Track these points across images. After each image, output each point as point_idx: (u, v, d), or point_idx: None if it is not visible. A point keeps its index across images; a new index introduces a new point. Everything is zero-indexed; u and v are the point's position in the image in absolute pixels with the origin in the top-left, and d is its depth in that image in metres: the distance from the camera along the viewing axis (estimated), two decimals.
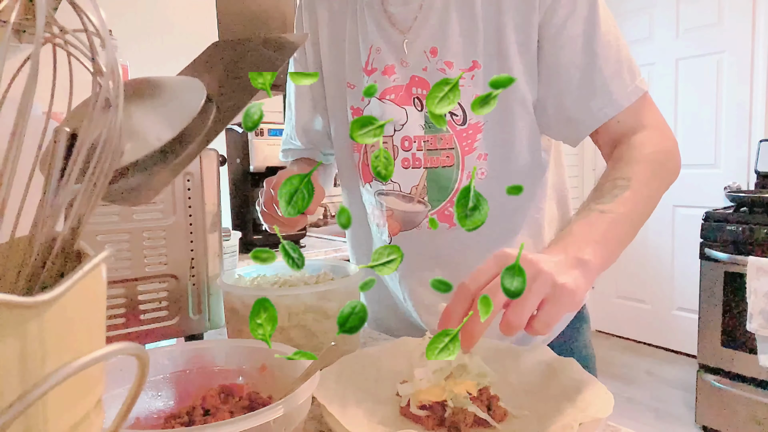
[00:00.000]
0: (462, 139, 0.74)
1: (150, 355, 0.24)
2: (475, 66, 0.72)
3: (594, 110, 0.70)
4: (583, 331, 0.88)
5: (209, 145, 0.34)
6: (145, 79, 0.37)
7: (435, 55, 0.74)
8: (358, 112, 0.81)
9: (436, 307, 0.81)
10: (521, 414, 0.53)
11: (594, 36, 0.68)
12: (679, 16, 3.04)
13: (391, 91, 0.77)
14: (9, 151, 0.22)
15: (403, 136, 0.77)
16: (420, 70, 0.75)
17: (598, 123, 0.70)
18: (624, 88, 0.69)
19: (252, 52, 0.42)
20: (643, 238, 3.30)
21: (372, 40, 0.78)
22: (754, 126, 2.80)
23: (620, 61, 0.69)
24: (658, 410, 2.58)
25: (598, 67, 0.68)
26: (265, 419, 0.38)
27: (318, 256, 1.87)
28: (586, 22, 0.68)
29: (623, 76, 0.69)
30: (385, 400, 0.56)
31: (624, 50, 0.70)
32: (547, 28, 0.69)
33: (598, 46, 0.68)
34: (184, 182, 0.72)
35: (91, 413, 0.23)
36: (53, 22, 0.26)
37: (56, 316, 0.19)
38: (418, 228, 0.80)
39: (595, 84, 0.69)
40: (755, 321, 2.04)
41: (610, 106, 0.69)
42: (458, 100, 0.58)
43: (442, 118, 0.43)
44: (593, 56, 0.68)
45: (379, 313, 0.94)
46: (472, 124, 0.74)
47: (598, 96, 0.69)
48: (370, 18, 0.78)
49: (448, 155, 0.75)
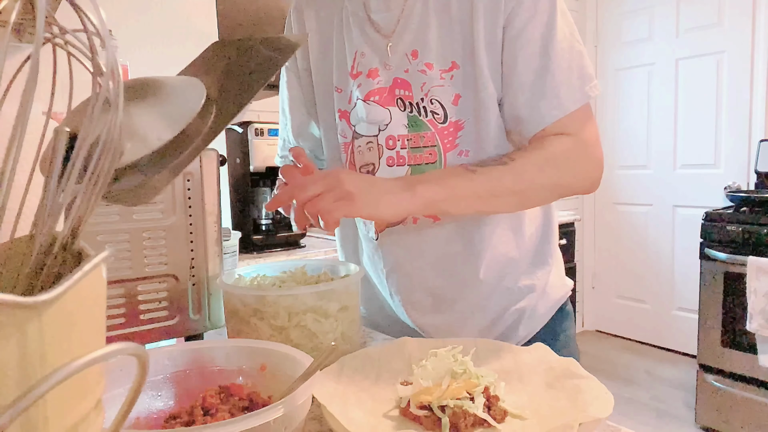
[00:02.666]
0: (443, 137, 0.78)
1: (150, 355, 0.24)
2: (454, 66, 0.76)
3: (543, 111, 0.73)
4: (566, 328, 0.89)
5: (209, 145, 0.34)
6: (145, 79, 0.37)
7: (416, 57, 0.77)
8: (345, 114, 0.85)
9: (422, 303, 0.84)
10: (521, 414, 0.53)
11: (550, 41, 0.72)
12: (679, 16, 3.04)
13: (376, 92, 0.80)
14: (9, 151, 0.22)
15: (387, 136, 0.80)
16: (402, 72, 0.78)
17: (545, 124, 0.73)
18: (572, 94, 0.72)
19: (252, 52, 0.42)
20: (643, 238, 3.30)
21: (357, 45, 0.82)
22: (754, 126, 2.80)
23: (572, 68, 0.73)
24: (658, 410, 2.58)
25: (550, 71, 0.72)
26: (265, 419, 0.38)
27: (318, 256, 1.88)
28: (545, 27, 0.72)
29: (573, 81, 0.72)
30: (385, 400, 0.56)
31: (578, 58, 0.74)
32: (509, 29, 0.73)
33: (553, 51, 0.72)
34: (184, 182, 0.72)
35: (91, 413, 0.23)
36: (53, 22, 0.26)
37: (56, 316, 0.19)
38: (404, 224, 0.82)
39: (546, 86, 0.72)
40: (755, 321, 2.04)
41: (558, 108, 0.72)
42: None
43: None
44: (547, 60, 0.72)
45: (367, 311, 0.96)
46: (452, 122, 0.77)
47: (546, 98, 0.72)
48: (355, 25, 0.82)
49: (431, 152, 0.78)
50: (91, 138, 0.24)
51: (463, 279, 0.83)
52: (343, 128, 0.85)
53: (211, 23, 1.91)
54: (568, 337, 0.89)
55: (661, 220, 3.21)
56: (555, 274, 0.88)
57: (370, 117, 0.81)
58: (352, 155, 0.85)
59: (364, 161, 0.83)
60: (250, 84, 0.37)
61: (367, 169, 0.83)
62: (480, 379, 0.54)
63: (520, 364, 0.62)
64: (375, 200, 0.66)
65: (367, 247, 0.90)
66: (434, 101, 0.77)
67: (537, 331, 0.86)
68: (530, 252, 0.85)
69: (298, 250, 1.95)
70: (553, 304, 0.88)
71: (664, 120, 3.17)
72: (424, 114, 0.77)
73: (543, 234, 0.87)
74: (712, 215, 2.32)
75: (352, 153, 0.85)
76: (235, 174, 1.96)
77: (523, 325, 0.85)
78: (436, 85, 0.76)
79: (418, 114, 0.78)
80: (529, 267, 0.85)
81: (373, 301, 0.93)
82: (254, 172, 1.88)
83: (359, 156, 0.84)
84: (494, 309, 0.84)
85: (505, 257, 0.82)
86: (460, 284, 0.83)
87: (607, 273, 3.55)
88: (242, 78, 0.39)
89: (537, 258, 0.86)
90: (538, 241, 0.86)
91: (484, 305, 0.84)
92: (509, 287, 0.84)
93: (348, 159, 0.86)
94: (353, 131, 0.84)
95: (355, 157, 0.84)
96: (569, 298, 0.92)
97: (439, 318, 0.85)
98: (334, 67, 0.86)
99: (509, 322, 0.85)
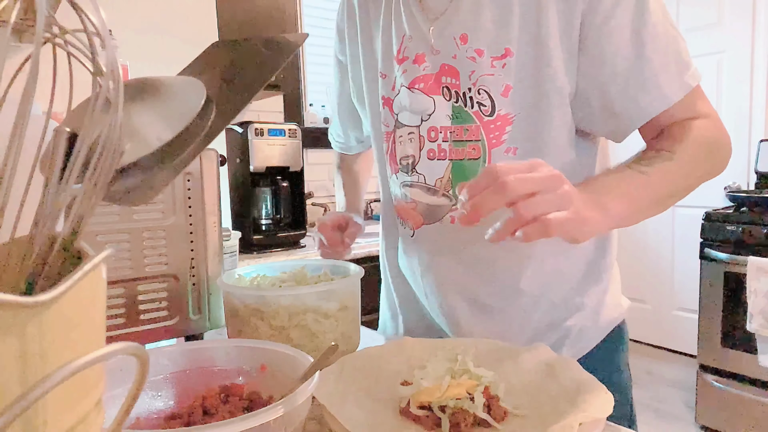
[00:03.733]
0: (489, 131, 0.71)
1: (150, 355, 0.24)
2: (508, 54, 0.68)
3: (642, 104, 0.66)
4: (620, 352, 0.82)
5: (209, 145, 0.34)
6: (145, 79, 0.37)
7: (465, 42, 0.70)
8: (389, 102, 0.80)
9: (457, 308, 0.78)
10: (521, 414, 0.53)
11: (643, 26, 0.64)
12: (679, 16, 3.04)
13: (421, 80, 0.75)
14: (9, 151, 0.22)
15: (429, 127, 0.75)
16: (450, 57, 0.72)
17: (647, 117, 0.67)
18: (673, 82, 0.65)
19: (252, 52, 0.42)
20: (643, 238, 3.30)
21: (404, 28, 0.77)
22: (754, 126, 2.80)
23: (668, 54, 0.65)
24: (658, 410, 2.58)
25: (647, 59, 0.64)
26: (265, 419, 0.38)
27: (318, 256, 1.87)
28: (635, 11, 0.64)
29: (672, 69, 0.65)
30: (385, 400, 0.56)
31: (674, 42, 0.66)
32: (592, 15, 0.65)
33: (647, 37, 0.64)
34: (184, 182, 0.72)
35: (91, 413, 0.23)
36: (53, 22, 0.26)
37: (56, 316, 0.19)
38: (441, 222, 0.77)
39: (644, 76, 0.65)
40: (755, 321, 2.04)
41: (659, 100, 0.65)
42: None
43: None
44: (642, 47, 0.64)
45: (402, 313, 0.92)
46: (501, 115, 0.70)
47: (646, 89, 0.65)
48: (405, 6, 0.77)
49: (474, 147, 0.72)
50: (91, 138, 0.24)
51: (502, 287, 0.76)
52: (386, 116, 0.81)
53: (211, 23, 1.91)
54: (620, 364, 0.81)
55: (661, 220, 3.21)
56: (611, 293, 0.80)
57: (413, 106, 0.76)
58: (393, 146, 0.81)
59: (405, 153, 0.79)
60: (250, 84, 0.37)
61: (407, 161, 0.79)
62: (480, 379, 0.54)
63: (520, 364, 0.62)
64: (583, 219, 0.54)
65: (403, 243, 0.85)
66: (482, 91, 0.70)
67: (584, 354, 0.78)
68: (582, 266, 0.77)
69: (298, 250, 1.95)
70: (606, 326, 0.79)
71: None
72: (470, 105, 0.71)
73: (599, 246, 0.78)
74: (712, 215, 2.32)
75: (393, 143, 0.81)
76: (235, 174, 1.96)
77: (568, 345, 0.77)
78: (486, 74, 0.69)
79: (463, 105, 0.72)
80: (579, 283, 0.77)
81: (410, 303, 0.88)
82: (254, 172, 1.88)
83: (400, 147, 0.79)
84: (535, 325, 0.77)
85: (552, 268, 0.75)
86: (498, 292, 0.76)
87: None
88: (242, 78, 0.39)
89: (590, 273, 0.77)
90: (592, 255, 0.77)
91: (525, 318, 0.77)
92: (555, 302, 0.76)
93: (389, 149, 0.82)
94: (395, 120, 0.79)
95: (396, 147, 0.80)
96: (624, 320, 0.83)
97: (474, 327, 0.79)
98: (380, 51, 0.81)
99: (552, 341, 0.77)
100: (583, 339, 0.78)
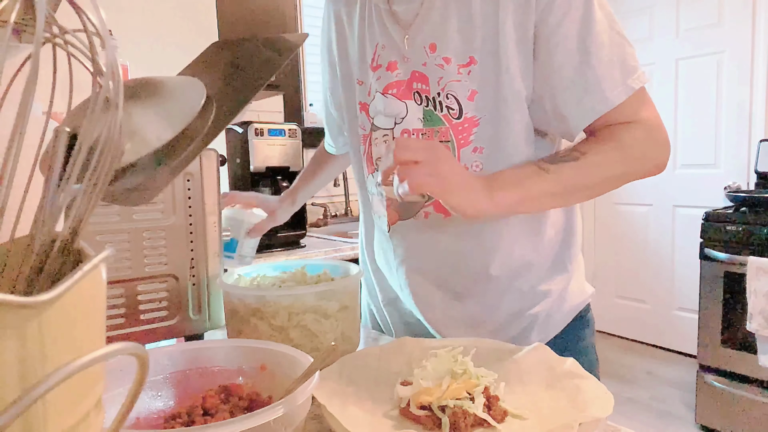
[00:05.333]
0: (458, 132, 0.77)
1: (150, 355, 0.24)
2: (472, 62, 0.74)
3: (587, 107, 0.71)
4: (585, 336, 0.87)
5: (209, 145, 0.34)
6: (145, 79, 0.37)
7: (434, 51, 0.76)
8: (365, 107, 0.86)
9: (431, 297, 0.84)
10: (521, 414, 0.53)
11: (588, 35, 0.70)
12: (679, 16, 3.04)
13: (394, 85, 0.80)
14: (9, 151, 0.22)
15: (402, 129, 0.80)
16: (420, 65, 0.78)
17: (591, 119, 0.72)
18: (616, 86, 0.70)
19: (252, 52, 0.42)
20: (643, 238, 3.30)
21: (378, 38, 0.82)
22: (754, 126, 2.80)
23: (613, 60, 0.70)
24: (658, 410, 2.58)
25: (591, 66, 0.70)
26: (265, 419, 0.38)
27: (318, 256, 1.88)
28: (581, 22, 0.70)
29: (616, 74, 0.70)
30: (385, 400, 0.56)
31: (618, 49, 0.71)
32: (542, 27, 0.71)
33: (592, 45, 0.70)
34: (184, 182, 0.72)
35: (91, 413, 0.23)
36: (53, 22, 0.26)
37: (56, 316, 0.19)
38: (416, 218, 0.82)
39: (589, 82, 0.70)
40: (755, 321, 2.04)
41: (602, 102, 0.71)
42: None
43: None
44: (587, 55, 0.70)
45: (378, 307, 0.96)
46: (467, 118, 0.76)
47: (590, 93, 0.71)
48: (377, 17, 0.82)
49: (445, 148, 0.77)
50: (91, 138, 0.24)
51: (473, 274, 0.82)
52: (363, 120, 0.87)
53: (211, 23, 1.91)
54: (585, 346, 0.87)
55: (661, 220, 3.21)
56: (575, 280, 0.86)
57: (387, 110, 0.81)
58: (369, 147, 0.86)
59: (380, 153, 0.84)
60: (250, 84, 0.37)
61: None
62: (480, 379, 0.54)
63: (520, 364, 0.62)
64: (461, 192, 0.65)
65: (379, 238, 0.90)
66: (450, 96, 0.76)
67: (551, 338, 0.84)
68: (549, 256, 0.83)
69: (298, 250, 1.95)
70: (570, 311, 0.85)
71: (664, 119, 3.13)
72: (439, 109, 0.77)
73: (564, 239, 0.85)
74: (712, 215, 2.32)
75: (369, 145, 0.86)
76: (235, 174, 1.97)
77: (537, 330, 0.83)
78: (453, 80, 0.75)
79: (433, 108, 0.77)
80: (547, 272, 0.83)
81: (388, 295, 0.93)
82: (254, 172, 1.88)
83: (375, 148, 0.85)
84: (506, 311, 0.83)
85: (520, 258, 0.81)
86: (470, 279, 0.82)
87: (607, 273, 3.55)
88: (242, 78, 0.39)
89: (556, 263, 0.84)
90: (558, 246, 0.84)
91: (495, 305, 0.83)
92: (523, 290, 0.82)
93: (366, 150, 0.87)
94: (371, 123, 0.85)
95: (372, 149, 0.86)
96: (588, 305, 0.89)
97: (448, 314, 0.84)
98: (356, 59, 0.87)
99: (523, 326, 0.83)
100: (551, 324, 0.84)
